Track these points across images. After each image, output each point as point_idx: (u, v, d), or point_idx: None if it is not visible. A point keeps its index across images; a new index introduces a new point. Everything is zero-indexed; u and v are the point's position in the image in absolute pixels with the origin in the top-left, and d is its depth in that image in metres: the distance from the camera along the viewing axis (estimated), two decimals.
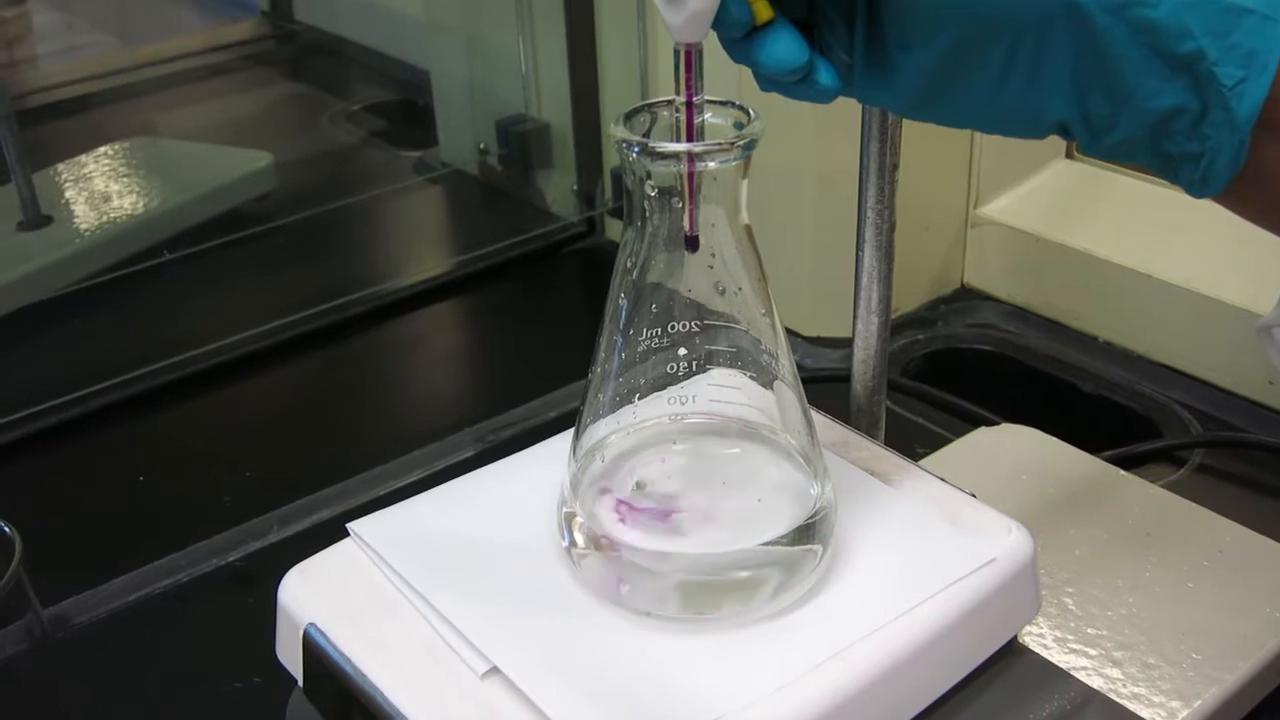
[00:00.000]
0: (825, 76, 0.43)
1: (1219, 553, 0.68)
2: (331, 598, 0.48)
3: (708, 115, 0.44)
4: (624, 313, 0.45)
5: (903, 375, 0.95)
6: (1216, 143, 0.42)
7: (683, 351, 0.46)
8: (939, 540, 0.48)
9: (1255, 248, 0.50)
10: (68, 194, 1.22)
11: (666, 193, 0.43)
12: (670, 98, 0.43)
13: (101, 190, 1.23)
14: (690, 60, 0.42)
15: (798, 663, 0.43)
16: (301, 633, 0.47)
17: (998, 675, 0.48)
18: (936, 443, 0.81)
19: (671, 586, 0.45)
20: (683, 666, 0.43)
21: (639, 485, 0.48)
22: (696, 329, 0.46)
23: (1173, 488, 0.77)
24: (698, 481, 0.47)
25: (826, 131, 0.90)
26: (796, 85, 0.43)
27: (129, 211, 1.18)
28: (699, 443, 0.49)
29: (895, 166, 0.54)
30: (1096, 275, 0.95)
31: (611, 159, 1.14)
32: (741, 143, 0.42)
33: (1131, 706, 0.56)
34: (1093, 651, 0.62)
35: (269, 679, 0.51)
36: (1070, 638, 0.62)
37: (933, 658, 0.45)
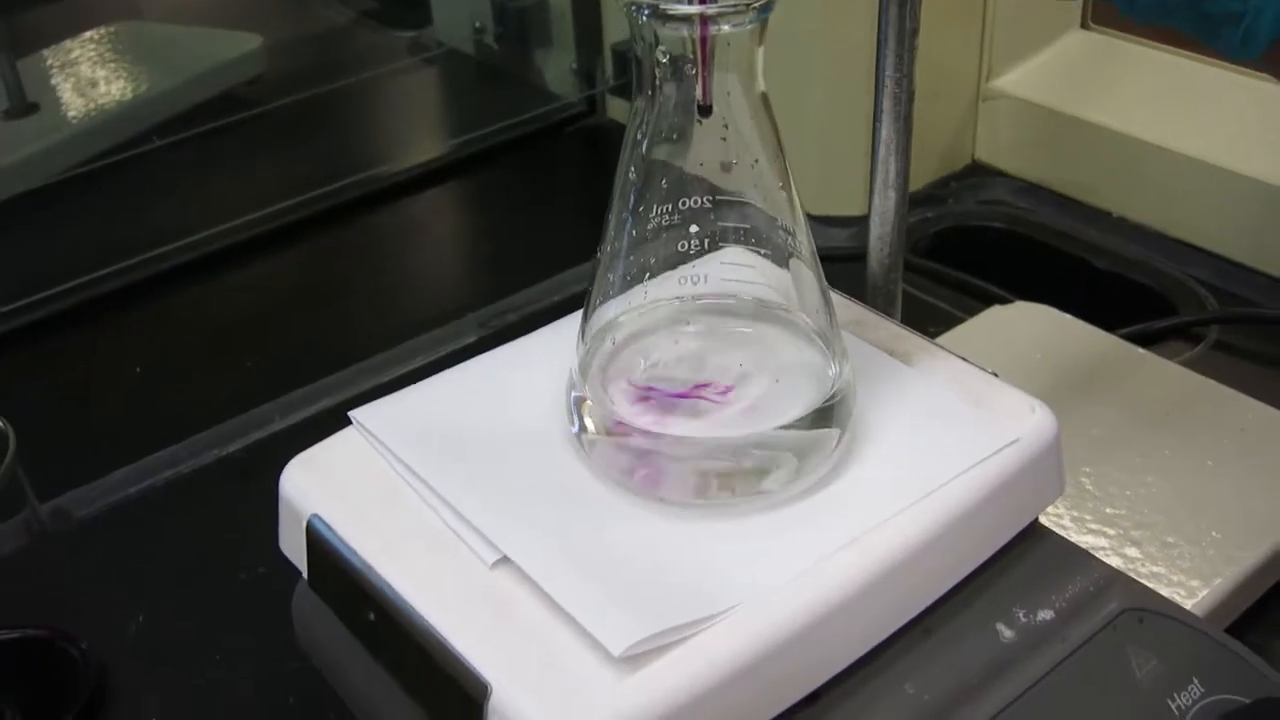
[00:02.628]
0: None
1: (1240, 431, 0.67)
2: (335, 488, 0.47)
3: None
4: (633, 189, 0.43)
5: (912, 254, 0.93)
6: (1260, 1, 0.40)
7: (694, 229, 0.44)
8: (960, 421, 0.47)
9: (1273, 120, 0.48)
10: (54, 80, 1.19)
11: (678, 60, 0.41)
12: None
13: (88, 76, 1.20)
14: None
15: (817, 548, 0.42)
16: (305, 524, 0.46)
17: (1020, 557, 0.47)
18: (949, 322, 0.79)
19: (685, 472, 0.44)
20: (698, 553, 0.42)
21: (651, 368, 0.46)
22: (709, 205, 0.44)
23: (1189, 364, 0.76)
24: (711, 364, 0.46)
25: (838, 3, 0.87)
26: None
27: (117, 97, 1.16)
28: (712, 323, 0.47)
29: (915, 32, 0.51)
30: (1111, 149, 0.93)
31: (612, 35, 1.11)
32: (758, 4, 0.40)
33: (1151, 585, 0.55)
34: (1111, 531, 0.61)
35: (273, 570, 0.50)
36: (1088, 517, 0.61)
37: (954, 541, 0.44)
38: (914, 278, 0.89)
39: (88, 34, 1.27)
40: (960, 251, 0.94)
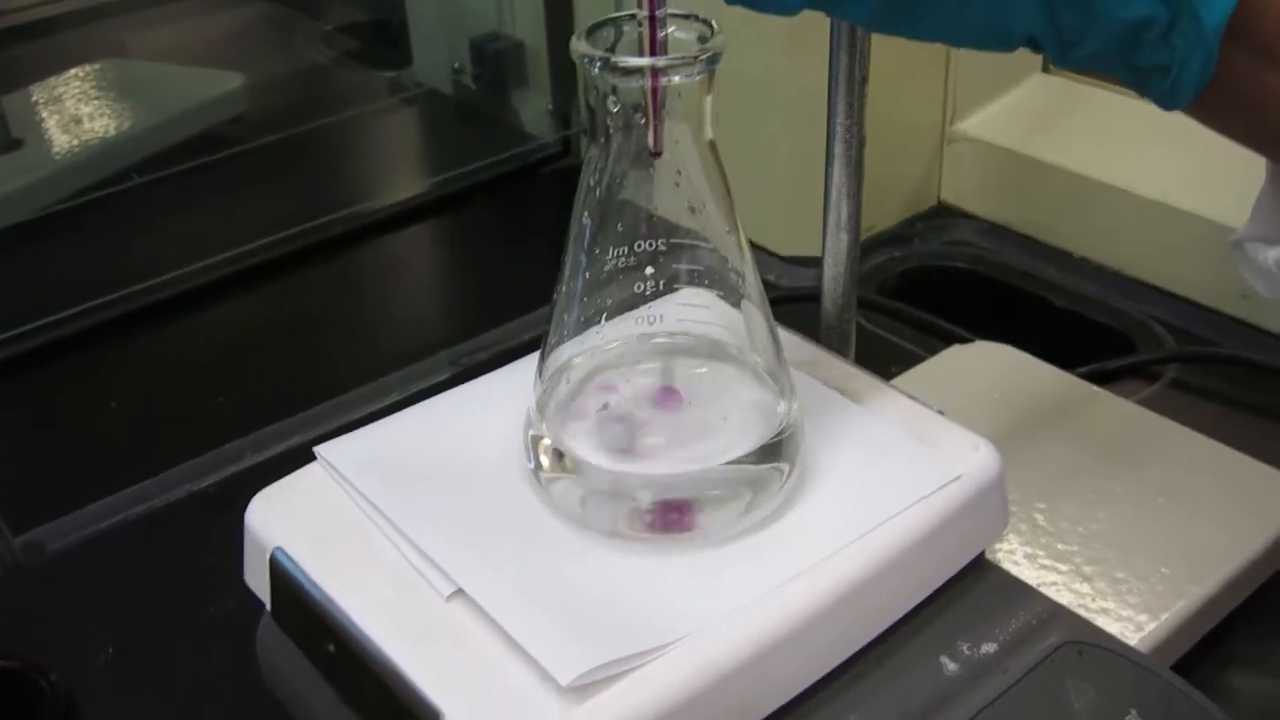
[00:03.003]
0: None
1: (1190, 467, 0.69)
2: (298, 522, 0.48)
3: (672, 29, 0.43)
4: (588, 231, 0.45)
5: (879, 293, 0.94)
6: (1185, 53, 0.41)
7: (649, 270, 0.45)
8: (906, 458, 0.48)
9: (1229, 162, 0.50)
10: (38, 117, 1.21)
11: (630, 109, 0.42)
12: (633, 12, 0.42)
13: (72, 113, 1.21)
14: None
15: (764, 580, 0.43)
16: (268, 557, 0.47)
17: (964, 591, 0.48)
18: (912, 361, 0.81)
19: (637, 507, 0.45)
20: (649, 586, 0.43)
21: (605, 406, 0.47)
22: (663, 248, 0.45)
23: (1146, 403, 0.77)
24: (664, 401, 0.47)
25: (799, 48, 0.89)
26: None
27: (100, 134, 1.17)
28: (666, 363, 0.48)
29: (864, 80, 0.53)
30: (1072, 190, 0.95)
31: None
32: (705, 56, 0.41)
33: (1100, 621, 0.56)
34: (1063, 567, 0.62)
35: (242, 603, 0.51)
36: (1041, 553, 0.63)
37: (899, 574, 0.45)
38: (878, 317, 0.91)
39: (72, 71, 1.29)
40: (926, 291, 0.96)
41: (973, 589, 0.49)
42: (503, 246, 1.06)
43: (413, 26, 1.30)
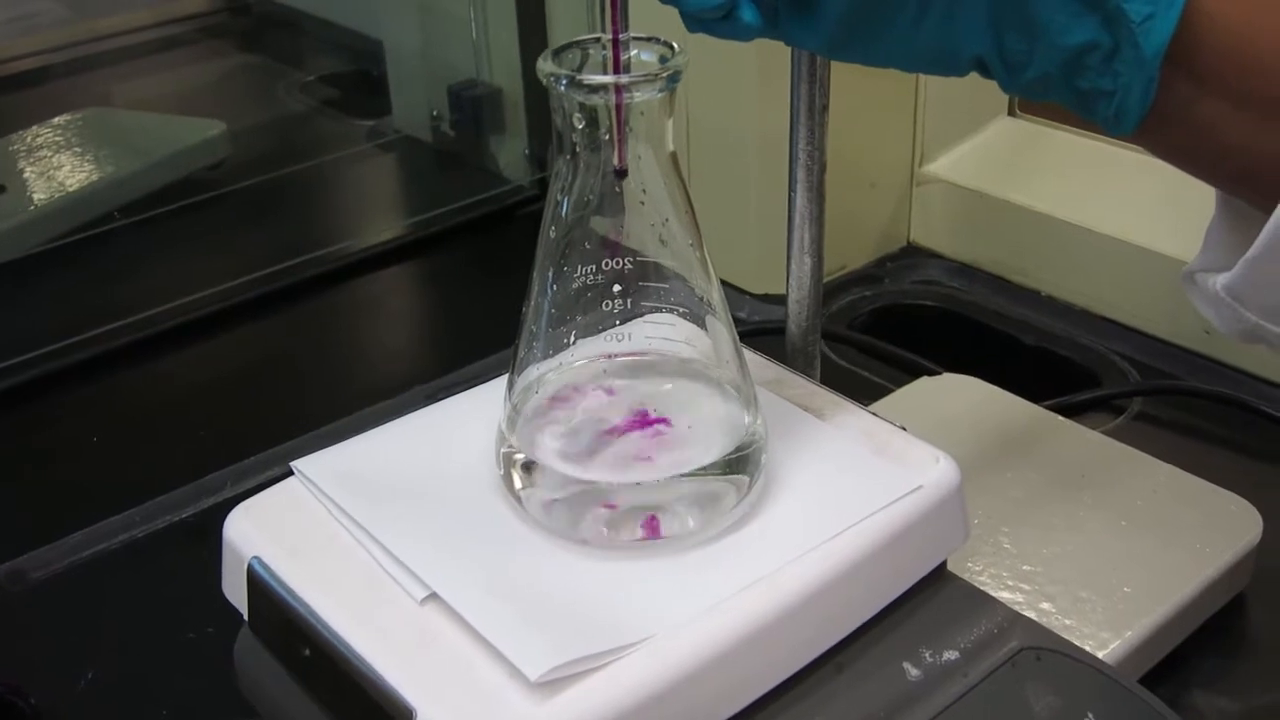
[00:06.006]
0: (748, 14, 0.44)
1: (1152, 492, 0.70)
2: (275, 532, 0.49)
3: (635, 52, 0.45)
4: (556, 248, 0.46)
5: (849, 329, 0.96)
6: (1128, 79, 0.43)
7: (616, 288, 0.47)
8: (868, 470, 0.50)
9: (1191, 199, 0.52)
10: (20, 163, 1.22)
11: (594, 126, 0.44)
12: (598, 35, 0.44)
13: (54, 159, 1.23)
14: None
15: (728, 585, 0.44)
16: (246, 567, 0.48)
17: (927, 600, 0.49)
18: (880, 394, 0.82)
19: (604, 515, 0.46)
20: (617, 590, 0.45)
21: (573, 419, 0.49)
22: (629, 265, 0.47)
23: (1112, 435, 0.79)
24: (630, 414, 0.49)
25: (768, 90, 0.91)
26: (720, 23, 0.44)
27: (82, 180, 1.19)
28: (632, 377, 0.50)
29: (825, 108, 0.55)
30: (1038, 230, 0.97)
31: None
32: (666, 74, 0.43)
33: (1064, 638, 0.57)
34: (1026, 587, 0.63)
35: (221, 628, 0.51)
36: (1005, 574, 0.64)
37: (861, 580, 0.47)
38: (847, 350, 0.92)
39: (56, 120, 1.30)
40: (896, 328, 0.98)
41: (935, 597, 0.50)
42: (479, 286, 1.07)
43: (391, 76, 1.32)
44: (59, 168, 1.21)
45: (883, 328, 0.98)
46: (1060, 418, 0.77)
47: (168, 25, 1.63)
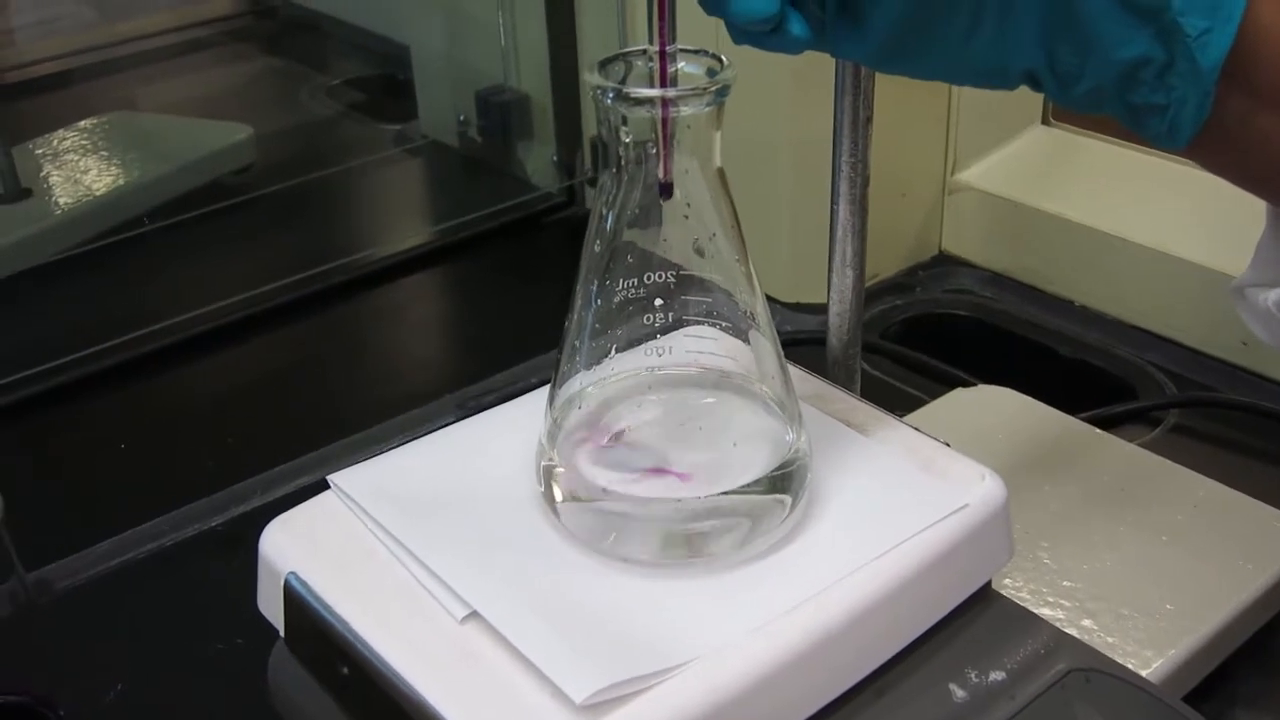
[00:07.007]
0: (796, 27, 0.43)
1: (1193, 508, 0.69)
2: (312, 547, 0.48)
3: (682, 64, 0.44)
4: (600, 261, 0.46)
5: (882, 339, 0.95)
6: (1182, 94, 0.42)
7: (659, 302, 0.46)
8: (912, 487, 0.49)
9: (1227, 210, 0.51)
10: (46, 168, 1.22)
11: (641, 140, 0.43)
12: (644, 47, 0.44)
13: (80, 163, 1.23)
14: (664, 8, 0.42)
15: (773, 606, 0.44)
16: (282, 582, 0.48)
17: (971, 620, 0.49)
18: (915, 405, 0.82)
19: (649, 533, 0.45)
20: (658, 610, 0.44)
21: (615, 435, 0.48)
22: (673, 279, 0.46)
23: (1149, 447, 0.78)
24: (673, 430, 0.48)
25: (803, 98, 0.91)
26: (768, 36, 0.44)
27: (108, 184, 1.19)
28: (675, 393, 0.49)
29: (869, 120, 0.54)
30: (1072, 240, 0.96)
31: (591, 127, 1.14)
32: (715, 88, 0.42)
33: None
34: (1067, 604, 0.62)
35: (251, 640, 0.51)
36: (1045, 590, 0.63)
37: (905, 602, 0.46)
38: (882, 362, 0.92)
39: (82, 123, 1.30)
40: (928, 338, 0.97)
41: (980, 617, 0.49)
42: (508, 293, 1.07)
43: (418, 80, 1.32)
44: (85, 172, 1.20)
45: (915, 337, 0.97)
46: (1097, 430, 0.77)
47: (192, 29, 1.63)
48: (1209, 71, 0.41)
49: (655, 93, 0.42)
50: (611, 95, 0.42)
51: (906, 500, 0.48)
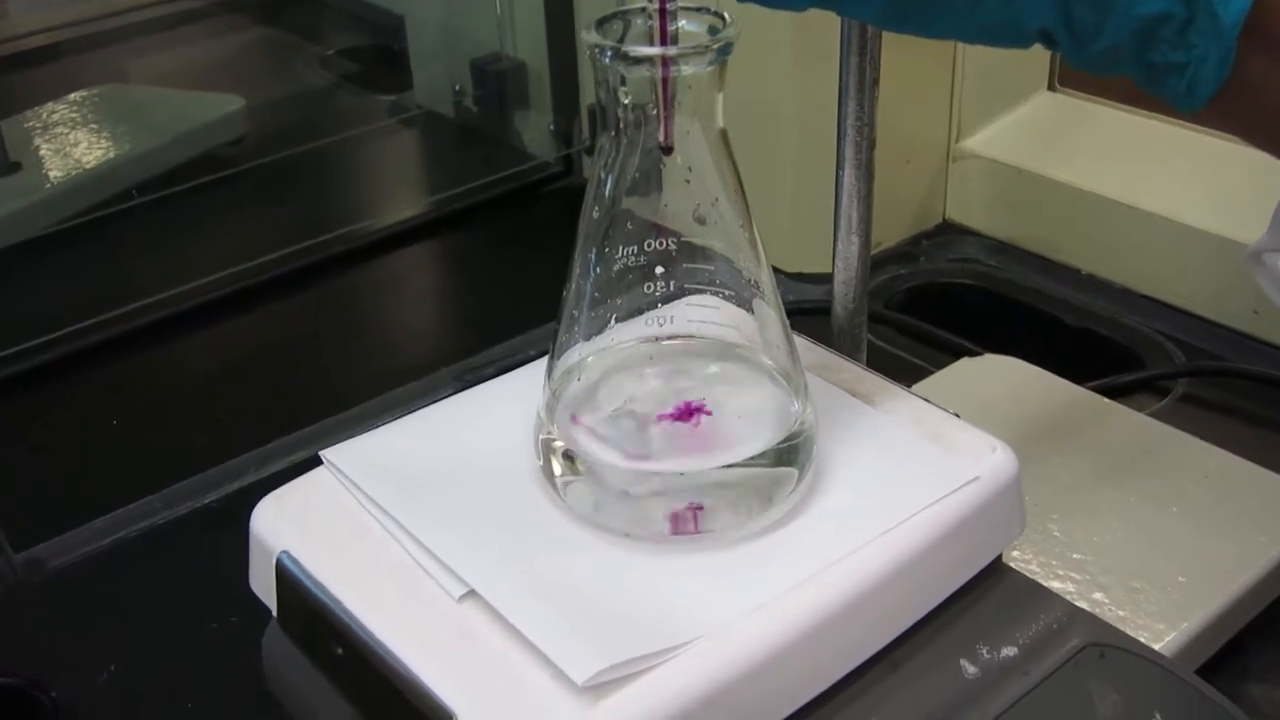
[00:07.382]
0: None
1: (1203, 478, 0.68)
2: (305, 525, 0.47)
3: (683, 22, 0.43)
4: (598, 227, 0.44)
5: (886, 309, 0.94)
6: (1203, 50, 0.41)
7: (660, 270, 0.45)
8: (922, 459, 0.48)
9: (1236, 176, 0.49)
10: (36, 141, 1.21)
11: (641, 102, 0.42)
12: (643, 4, 0.42)
13: (71, 136, 1.21)
14: None
15: (778, 582, 0.42)
16: (274, 561, 0.46)
17: (983, 594, 0.48)
18: (920, 375, 0.80)
19: (649, 507, 0.44)
20: (663, 586, 0.43)
21: (616, 407, 0.47)
22: (674, 246, 0.45)
23: (1157, 417, 0.77)
24: (676, 403, 0.46)
25: (805, 64, 0.89)
26: None
27: (99, 157, 1.17)
28: (677, 363, 0.48)
29: (875, 82, 0.53)
30: (1079, 207, 0.95)
31: (589, 95, 1.13)
32: (717, 46, 0.41)
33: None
34: (1078, 576, 0.61)
35: (245, 618, 0.50)
36: (1055, 563, 0.62)
37: (915, 577, 0.45)
38: (886, 331, 0.90)
39: (72, 96, 1.28)
40: (933, 307, 0.96)
41: (991, 592, 0.48)
42: (505, 264, 1.05)
43: (413, 50, 1.30)
44: (75, 145, 1.19)
45: (919, 306, 0.96)
46: (1106, 400, 0.75)
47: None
48: (1231, 27, 0.40)
49: (655, 51, 0.41)
50: (610, 54, 0.41)
51: (915, 473, 0.47)
